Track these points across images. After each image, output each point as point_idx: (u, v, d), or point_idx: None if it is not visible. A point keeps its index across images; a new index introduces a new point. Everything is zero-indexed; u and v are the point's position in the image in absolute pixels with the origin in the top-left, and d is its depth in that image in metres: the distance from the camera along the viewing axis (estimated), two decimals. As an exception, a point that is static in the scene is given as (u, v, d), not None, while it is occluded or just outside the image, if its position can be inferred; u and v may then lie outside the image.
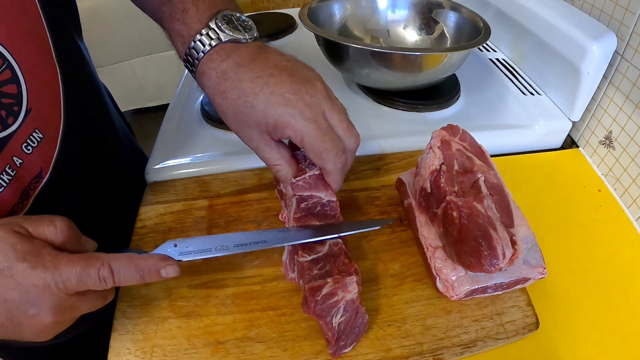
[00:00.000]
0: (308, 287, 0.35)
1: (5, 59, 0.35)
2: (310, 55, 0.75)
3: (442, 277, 0.39)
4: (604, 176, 0.54)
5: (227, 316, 0.39)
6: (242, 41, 0.38)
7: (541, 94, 0.65)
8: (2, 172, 0.36)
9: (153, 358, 0.37)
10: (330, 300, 0.34)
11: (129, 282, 0.33)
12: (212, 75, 0.37)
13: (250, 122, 0.37)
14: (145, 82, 1.97)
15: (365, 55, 0.58)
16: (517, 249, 0.36)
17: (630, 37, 0.48)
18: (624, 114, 0.50)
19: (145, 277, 0.33)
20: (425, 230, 0.42)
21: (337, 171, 0.39)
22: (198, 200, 0.51)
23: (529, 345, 0.38)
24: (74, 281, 0.30)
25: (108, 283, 0.31)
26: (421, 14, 0.72)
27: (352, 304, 0.35)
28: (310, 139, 0.36)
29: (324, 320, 0.34)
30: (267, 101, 0.36)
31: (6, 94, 0.36)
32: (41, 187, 0.41)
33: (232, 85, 0.37)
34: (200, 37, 0.37)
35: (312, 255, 0.38)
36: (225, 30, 0.37)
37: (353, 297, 0.35)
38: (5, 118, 0.36)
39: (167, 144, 0.60)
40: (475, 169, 0.40)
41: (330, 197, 0.41)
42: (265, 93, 0.36)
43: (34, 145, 0.39)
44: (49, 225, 0.31)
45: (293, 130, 0.36)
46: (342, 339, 0.35)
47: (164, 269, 0.34)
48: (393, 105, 0.64)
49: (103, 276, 0.31)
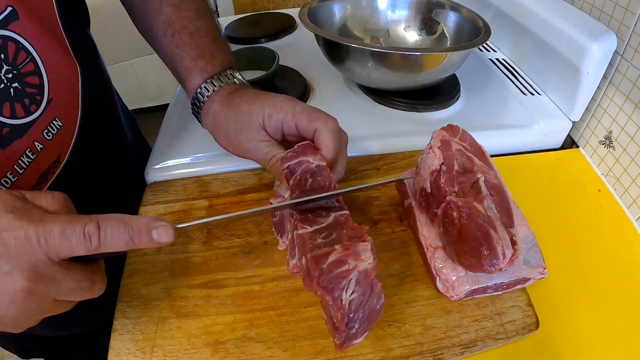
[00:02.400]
0: (311, 255, 0.29)
1: (29, 52, 0.38)
2: (310, 55, 0.75)
3: (442, 277, 0.39)
4: (604, 176, 0.54)
5: (227, 316, 0.39)
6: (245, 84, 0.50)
7: (541, 94, 0.65)
8: (23, 155, 0.39)
9: (153, 358, 0.37)
10: (339, 269, 0.28)
11: (117, 243, 0.29)
12: (224, 92, 0.47)
13: (247, 118, 0.43)
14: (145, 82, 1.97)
15: (365, 55, 0.58)
16: (517, 249, 0.36)
17: (630, 37, 0.48)
18: (624, 114, 0.50)
19: (135, 237, 0.29)
20: (425, 230, 0.42)
21: (330, 129, 0.41)
22: (198, 200, 0.51)
23: (529, 345, 0.38)
24: (57, 234, 0.27)
25: (93, 241, 0.28)
26: (421, 14, 0.73)
27: (367, 276, 0.29)
28: (300, 109, 0.42)
29: (331, 294, 0.28)
30: (265, 96, 0.45)
31: (30, 84, 0.38)
32: (59, 172, 0.43)
33: (238, 94, 0.46)
34: (219, 75, 0.48)
35: (314, 226, 0.32)
36: (238, 77, 0.49)
37: (367, 268, 0.29)
38: (28, 106, 0.38)
39: (167, 144, 0.60)
40: (475, 169, 0.40)
41: (320, 161, 0.39)
42: (264, 97, 0.45)
43: (54, 132, 0.41)
44: (46, 195, 0.31)
45: (285, 111, 0.42)
46: (353, 324, 0.29)
47: (155, 230, 0.30)
48: (393, 105, 0.64)
49: (88, 231, 0.28)
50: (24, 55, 0.38)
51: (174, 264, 0.44)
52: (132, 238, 0.29)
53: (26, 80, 0.38)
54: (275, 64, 0.65)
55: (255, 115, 0.43)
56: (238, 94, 0.46)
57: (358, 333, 0.30)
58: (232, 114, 0.45)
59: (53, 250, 0.27)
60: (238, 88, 0.47)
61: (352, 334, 0.29)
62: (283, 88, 0.67)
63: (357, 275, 0.28)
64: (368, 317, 0.30)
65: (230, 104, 0.45)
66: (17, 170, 0.38)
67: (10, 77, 0.37)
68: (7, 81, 0.36)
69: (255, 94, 0.45)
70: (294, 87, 0.67)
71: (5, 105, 0.36)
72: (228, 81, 0.47)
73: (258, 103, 0.43)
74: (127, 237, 0.29)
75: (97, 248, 0.28)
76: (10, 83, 0.37)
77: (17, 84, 0.37)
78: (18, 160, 0.38)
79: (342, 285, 0.28)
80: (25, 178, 0.39)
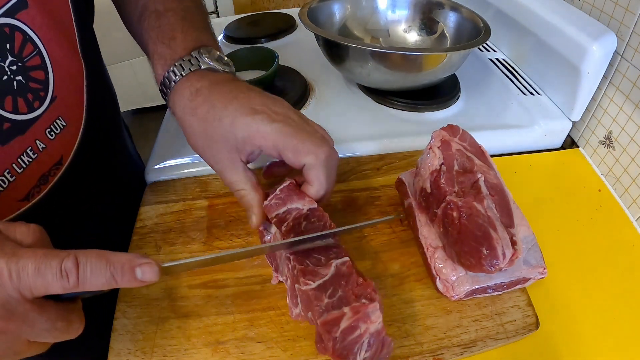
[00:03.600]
0: (321, 321, 0.29)
1: (36, 45, 0.36)
2: (310, 55, 0.75)
3: (442, 277, 0.39)
4: (604, 176, 0.54)
5: (227, 316, 0.39)
6: (220, 71, 0.41)
7: (541, 94, 0.65)
8: (24, 154, 0.37)
9: (153, 358, 0.37)
10: (352, 335, 0.29)
11: (97, 281, 0.26)
12: (186, 93, 0.39)
13: (217, 138, 0.37)
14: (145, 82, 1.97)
15: (365, 55, 0.58)
16: (517, 249, 0.36)
17: (630, 37, 0.48)
18: (624, 114, 0.50)
19: (117, 275, 0.27)
20: (425, 230, 0.42)
21: (320, 163, 0.36)
22: (198, 200, 0.51)
23: (529, 345, 0.38)
24: (31, 270, 0.25)
25: (71, 278, 0.25)
26: (421, 14, 0.73)
27: (378, 335, 0.29)
28: (282, 137, 0.35)
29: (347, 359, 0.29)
30: (235, 112, 0.37)
31: (34, 78, 0.37)
32: (61, 174, 0.41)
33: (203, 100, 0.38)
34: (181, 61, 0.40)
35: (317, 281, 0.32)
36: (205, 60, 0.40)
37: (378, 328, 0.29)
38: (31, 101, 0.37)
39: (167, 144, 0.60)
40: (475, 169, 0.40)
41: (310, 204, 0.37)
42: (235, 105, 0.37)
43: (57, 132, 0.40)
44: (20, 226, 0.28)
45: (263, 137, 0.36)
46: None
47: (139, 268, 0.28)
48: (393, 105, 0.64)
49: (66, 268, 0.25)
50: (31, 47, 0.36)
51: (174, 264, 0.44)
52: (114, 276, 0.27)
53: (31, 74, 0.36)
54: (275, 64, 0.65)
55: (225, 137, 0.37)
56: (203, 100, 0.38)
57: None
58: (199, 127, 0.38)
59: (26, 287, 0.25)
60: (204, 85, 0.39)
61: None
62: (283, 88, 0.67)
63: (369, 338, 0.29)
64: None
65: (195, 113, 0.38)
66: (16, 169, 0.37)
67: (14, 69, 0.35)
68: (10, 73, 0.35)
69: (224, 104, 0.37)
70: (294, 87, 0.67)
71: (7, 99, 0.35)
72: (190, 68, 0.40)
73: (228, 121, 0.37)
74: (109, 274, 0.27)
75: (75, 286, 0.26)
76: (14, 75, 0.35)
77: (21, 77, 0.35)
78: (18, 158, 0.37)
79: (355, 349, 0.29)
80: (25, 179, 0.38)
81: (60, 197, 0.42)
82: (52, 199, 0.41)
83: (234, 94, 0.38)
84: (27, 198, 0.39)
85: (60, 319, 0.27)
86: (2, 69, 0.34)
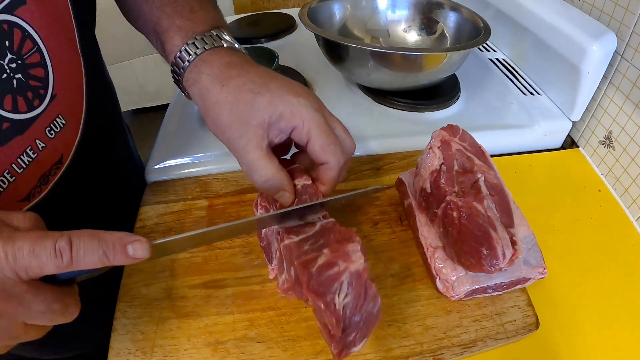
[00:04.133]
0: (299, 261, 0.28)
1: (36, 42, 0.36)
2: (310, 55, 0.75)
3: (442, 277, 0.39)
4: (604, 176, 0.54)
5: (227, 316, 0.39)
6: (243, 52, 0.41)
7: (541, 94, 0.65)
8: (23, 154, 0.37)
9: (153, 358, 0.37)
10: (329, 271, 0.27)
11: (90, 259, 0.27)
12: (216, 63, 0.38)
13: (252, 110, 0.35)
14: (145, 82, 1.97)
15: (365, 55, 0.58)
16: (517, 249, 0.36)
17: (630, 37, 0.48)
18: (624, 114, 0.50)
19: (109, 253, 0.27)
20: (425, 230, 0.42)
21: (338, 167, 0.37)
22: (198, 200, 0.51)
23: (529, 345, 0.38)
24: (26, 251, 0.25)
25: (65, 257, 0.26)
26: (421, 14, 0.73)
27: (359, 277, 0.27)
28: (319, 130, 0.36)
29: (323, 299, 0.27)
30: (278, 90, 0.36)
31: (34, 76, 0.36)
32: (61, 174, 0.41)
33: (238, 73, 0.37)
34: (203, 36, 0.39)
35: (300, 236, 0.31)
36: (227, 39, 0.40)
37: (359, 269, 0.27)
38: (31, 100, 0.36)
39: (167, 144, 0.60)
40: (475, 169, 0.40)
41: (305, 181, 0.37)
42: (276, 84, 0.36)
43: (57, 130, 0.39)
44: (17, 214, 0.29)
45: (302, 120, 0.35)
46: (350, 330, 0.27)
47: (130, 245, 0.28)
48: (393, 105, 0.64)
49: (60, 247, 0.26)
50: (30, 44, 0.35)
51: (174, 264, 0.44)
52: (107, 253, 0.27)
53: (30, 72, 0.36)
54: (275, 64, 0.65)
55: (260, 110, 0.35)
56: (237, 70, 0.37)
57: (356, 340, 0.28)
58: (228, 98, 0.36)
59: (22, 267, 0.25)
60: (233, 59, 0.38)
61: (349, 342, 0.28)
62: (283, 88, 0.67)
63: (348, 277, 0.27)
64: (365, 322, 0.28)
65: (227, 84, 0.36)
66: (16, 169, 0.36)
67: (14, 67, 0.34)
68: (10, 71, 0.34)
69: (264, 79, 0.37)
70: (294, 87, 0.67)
71: (7, 98, 0.34)
72: (214, 44, 0.39)
73: (267, 95, 0.35)
74: (101, 252, 0.27)
75: (69, 265, 0.27)
76: (13, 74, 0.34)
77: (20, 75, 0.35)
78: (17, 158, 0.36)
79: (333, 289, 0.27)
80: (25, 179, 0.38)
81: (61, 197, 0.42)
82: (53, 199, 0.40)
83: (272, 75, 0.38)
84: (28, 198, 0.39)
85: (56, 301, 0.27)
86: (2, 67, 0.34)
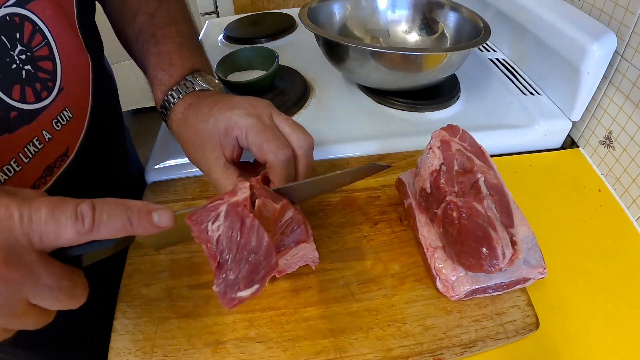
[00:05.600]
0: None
1: (45, 36, 0.37)
2: (310, 55, 0.75)
3: (442, 277, 0.39)
4: (604, 176, 0.54)
5: (227, 316, 0.39)
6: (210, 90, 0.44)
7: (541, 94, 0.65)
8: (30, 143, 0.38)
9: (153, 358, 0.37)
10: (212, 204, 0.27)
11: (113, 225, 0.26)
12: (180, 109, 0.43)
13: (205, 137, 0.40)
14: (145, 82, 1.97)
15: (365, 55, 0.58)
16: (517, 249, 0.36)
17: (630, 37, 0.48)
18: (624, 114, 0.50)
19: (134, 219, 0.26)
20: (425, 230, 0.42)
21: (280, 164, 0.37)
22: (198, 200, 0.51)
23: (529, 345, 0.38)
24: (44, 213, 0.24)
25: (86, 221, 0.25)
26: (421, 14, 0.73)
27: (235, 206, 0.27)
28: (253, 132, 0.38)
29: (198, 227, 0.27)
30: (219, 110, 0.40)
31: (42, 69, 0.38)
32: (66, 167, 0.42)
33: (193, 111, 0.42)
34: (178, 85, 0.43)
35: None
36: (199, 82, 0.44)
37: (238, 199, 0.27)
38: (39, 91, 0.37)
39: (167, 144, 0.60)
40: (475, 169, 0.40)
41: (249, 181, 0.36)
42: (218, 106, 0.40)
43: (63, 123, 0.41)
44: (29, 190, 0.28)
45: (239, 128, 0.38)
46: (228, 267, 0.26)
47: (155, 212, 0.27)
48: (393, 105, 0.64)
49: (82, 210, 0.25)
50: (40, 38, 0.37)
51: (175, 264, 0.44)
52: (131, 220, 0.26)
53: (39, 64, 0.37)
54: (275, 64, 0.65)
55: (210, 134, 0.39)
56: (193, 110, 0.42)
57: (240, 282, 0.26)
58: (189, 135, 0.41)
59: (36, 232, 0.24)
60: (195, 100, 0.42)
61: (232, 281, 0.26)
62: (283, 88, 0.67)
63: (225, 208, 0.26)
64: (250, 263, 0.27)
65: (186, 123, 0.42)
66: (22, 159, 0.37)
67: (23, 58, 0.35)
68: (19, 62, 0.35)
69: (210, 108, 0.40)
70: (294, 87, 0.67)
71: (16, 87, 0.35)
72: (186, 90, 0.43)
73: (211, 120, 0.39)
74: (125, 218, 0.26)
75: (90, 230, 0.25)
76: (23, 65, 0.35)
77: (29, 66, 0.36)
78: (24, 148, 0.37)
79: (209, 217, 0.26)
80: (30, 169, 0.38)
81: (65, 190, 0.42)
82: (56, 191, 0.41)
83: (217, 99, 0.41)
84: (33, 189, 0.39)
85: (66, 278, 0.26)
86: (12, 57, 0.35)
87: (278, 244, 0.35)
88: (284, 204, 0.33)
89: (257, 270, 0.27)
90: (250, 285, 0.27)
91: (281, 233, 0.34)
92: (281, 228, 0.34)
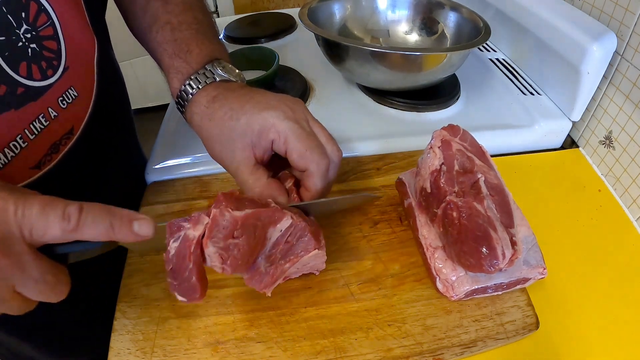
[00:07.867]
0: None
1: (50, 17, 0.38)
2: (310, 55, 0.75)
3: (442, 277, 0.39)
4: (604, 176, 0.54)
5: (227, 316, 0.39)
6: (233, 81, 0.42)
7: (541, 94, 0.65)
8: (36, 120, 0.38)
9: (153, 358, 0.37)
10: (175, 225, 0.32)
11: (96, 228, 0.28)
12: (203, 101, 0.40)
13: (234, 136, 0.38)
14: (145, 82, 1.98)
15: (365, 55, 0.58)
16: (517, 250, 0.36)
17: (630, 37, 0.48)
18: (624, 114, 0.50)
19: (115, 225, 0.28)
20: (425, 230, 0.42)
21: (320, 174, 0.37)
22: (198, 200, 0.51)
23: (529, 345, 0.38)
24: (36, 209, 0.26)
25: (72, 221, 0.27)
26: (421, 14, 0.73)
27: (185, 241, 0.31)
28: (294, 138, 0.37)
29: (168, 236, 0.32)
30: (253, 109, 0.38)
31: (48, 48, 0.38)
32: (71, 145, 0.42)
33: (220, 105, 0.39)
34: (196, 74, 0.41)
35: None
36: (219, 72, 0.42)
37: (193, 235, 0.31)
38: (45, 69, 0.38)
39: (167, 144, 0.60)
40: (476, 169, 0.40)
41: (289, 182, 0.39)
42: (251, 104, 0.38)
43: (68, 101, 0.41)
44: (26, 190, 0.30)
45: (277, 131, 0.37)
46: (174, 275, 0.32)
47: (137, 221, 0.29)
48: (393, 105, 0.64)
49: (69, 211, 0.27)
50: (45, 18, 0.37)
51: (174, 264, 0.44)
52: (113, 225, 0.28)
53: (44, 43, 0.37)
54: (275, 64, 0.65)
55: (241, 133, 0.38)
56: (220, 104, 0.39)
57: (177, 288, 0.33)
58: (215, 131, 0.39)
59: (28, 225, 0.26)
60: (220, 92, 0.40)
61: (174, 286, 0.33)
62: (283, 88, 0.67)
63: (182, 235, 0.31)
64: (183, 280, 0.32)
65: (213, 118, 0.39)
66: (28, 135, 0.37)
67: (29, 37, 0.36)
68: (25, 40, 0.36)
69: (242, 104, 0.38)
70: (294, 87, 0.67)
71: (22, 64, 0.36)
72: (206, 80, 0.41)
73: (244, 118, 0.37)
74: (108, 223, 0.28)
75: (74, 230, 0.27)
76: (28, 43, 0.36)
77: (35, 45, 0.36)
78: (30, 124, 0.37)
79: (172, 236, 0.31)
80: (36, 146, 0.38)
81: (70, 168, 0.43)
82: (62, 169, 0.42)
83: (250, 95, 0.39)
84: (39, 166, 0.40)
85: (50, 273, 0.28)
86: (18, 35, 0.35)
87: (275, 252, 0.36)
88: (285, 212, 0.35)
89: (186, 293, 0.33)
90: (182, 295, 0.33)
91: (286, 242, 0.35)
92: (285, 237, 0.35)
